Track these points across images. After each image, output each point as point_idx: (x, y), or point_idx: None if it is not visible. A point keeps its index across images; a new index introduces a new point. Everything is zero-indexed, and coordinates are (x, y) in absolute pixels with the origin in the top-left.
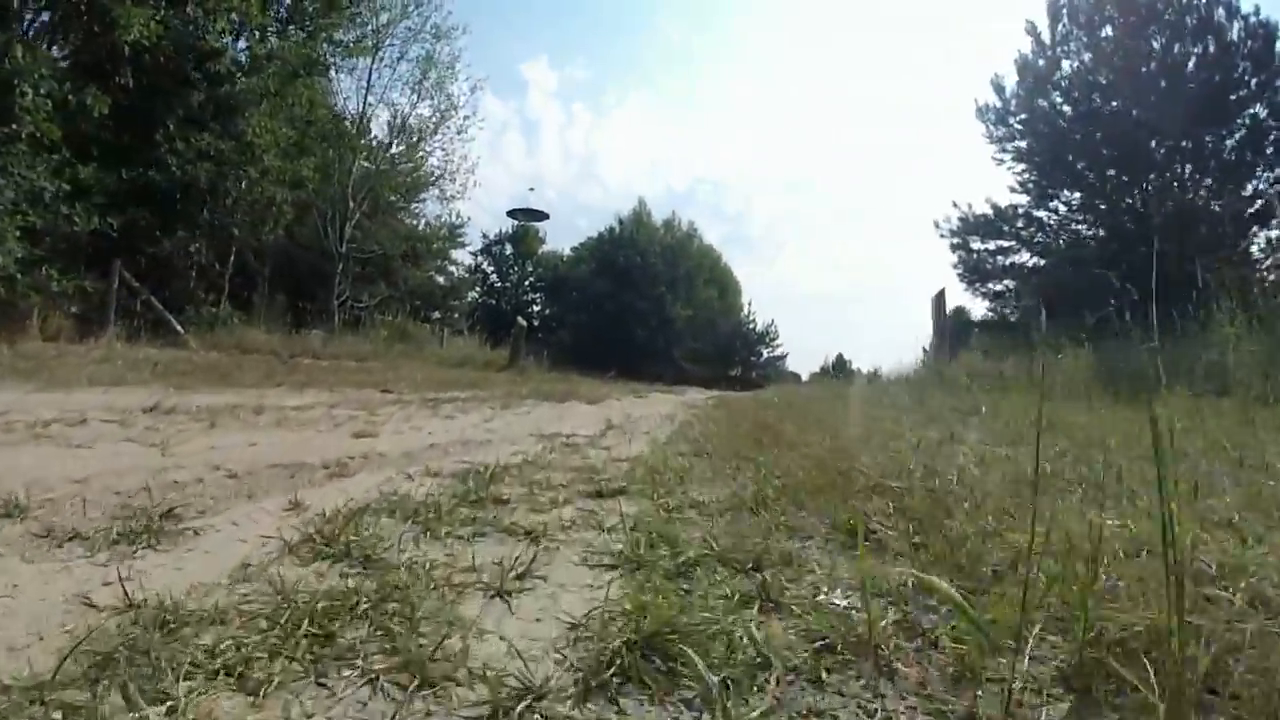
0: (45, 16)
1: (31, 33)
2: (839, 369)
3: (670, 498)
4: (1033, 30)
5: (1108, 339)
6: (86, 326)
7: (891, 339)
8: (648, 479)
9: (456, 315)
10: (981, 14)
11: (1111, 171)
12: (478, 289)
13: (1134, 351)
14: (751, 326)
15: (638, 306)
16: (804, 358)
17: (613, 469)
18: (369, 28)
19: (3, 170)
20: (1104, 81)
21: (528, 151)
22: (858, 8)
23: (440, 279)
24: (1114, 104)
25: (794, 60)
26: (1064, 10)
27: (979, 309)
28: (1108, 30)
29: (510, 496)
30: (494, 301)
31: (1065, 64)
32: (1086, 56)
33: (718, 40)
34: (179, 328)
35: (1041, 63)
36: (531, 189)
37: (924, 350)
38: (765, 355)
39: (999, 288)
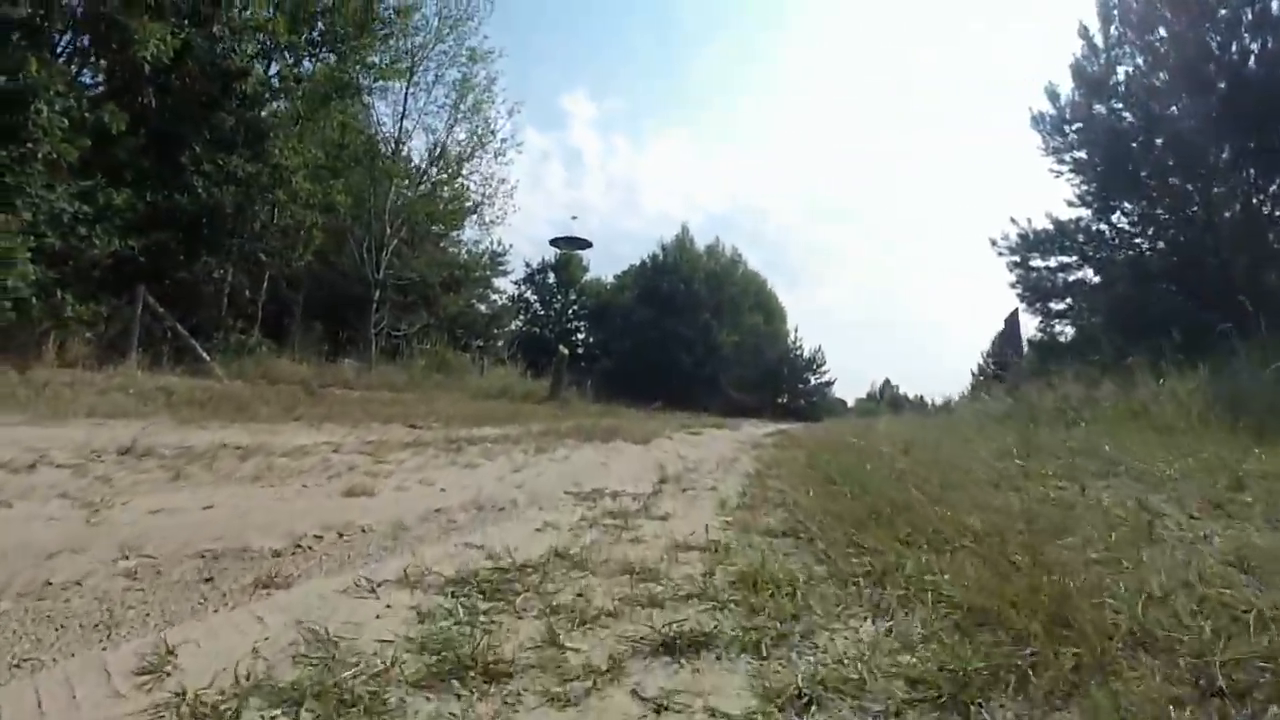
0: (78, 41)
1: (63, 57)
2: (886, 395)
3: (787, 650)
4: (1085, 34)
5: (1201, 359)
6: (110, 353)
7: (932, 362)
8: (737, 598)
9: (499, 344)
10: (1028, 12)
11: (1174, 180)
12: (521, 317)
13: (1254, 376)
14: (798, 353)
15: (682, 333)
16: (845, 382)
17: (679, 572)
18: (402, 50)
19: (18, 190)
20: (1159, 85)
21: (569, 181)
22: (897, 25)
23: (482, 307)
24: (1173, 108)
25: (835, 82)
26: (1115, 12)
27: (1029, 328)
28: (1161, 31)
29: (516, 654)
30: (537, 330)
31: (1120, 69)
32: (1141, 60)
33: (757, 59)
34: (204, 355)
35: (1096, 68)
36: (574, 217)
37: (972, 374)
38: (813, 382)
39: (1060, 306)
